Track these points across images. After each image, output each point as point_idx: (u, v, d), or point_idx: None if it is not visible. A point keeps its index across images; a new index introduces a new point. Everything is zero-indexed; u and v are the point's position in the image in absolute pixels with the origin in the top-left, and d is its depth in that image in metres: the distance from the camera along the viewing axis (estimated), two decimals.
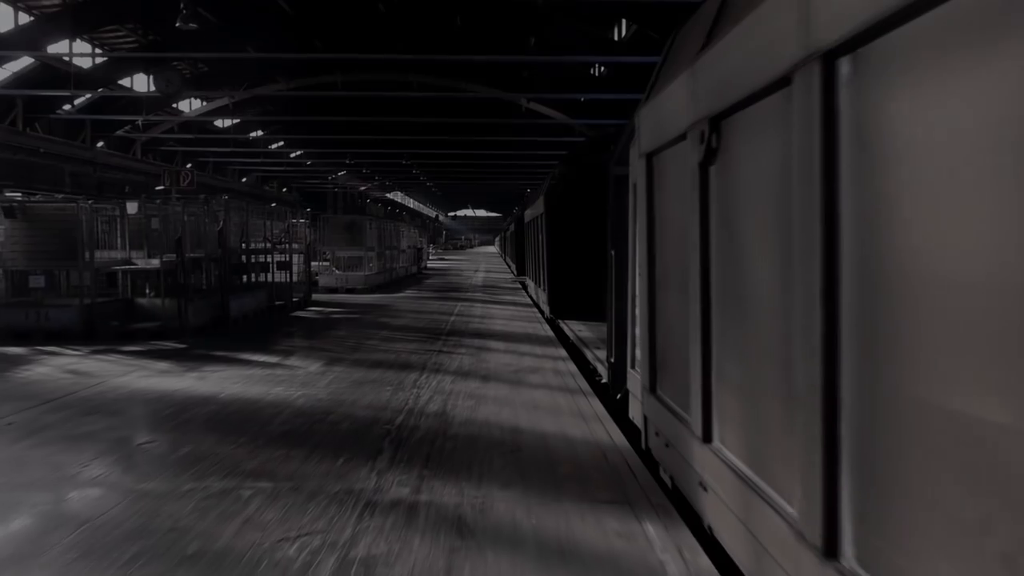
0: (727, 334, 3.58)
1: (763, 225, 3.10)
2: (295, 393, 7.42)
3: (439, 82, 29.27)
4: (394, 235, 27.63)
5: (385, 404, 6.90)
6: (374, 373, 8.55)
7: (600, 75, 28.90)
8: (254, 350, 10.34)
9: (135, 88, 28.43)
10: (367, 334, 12.21)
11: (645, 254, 5.28)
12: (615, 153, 8.39)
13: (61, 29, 22.37)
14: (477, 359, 9.62)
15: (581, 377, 8.52)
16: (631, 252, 6.71)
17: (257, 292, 15.04)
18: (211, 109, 34.49)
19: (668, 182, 4.67)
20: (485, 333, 12.32)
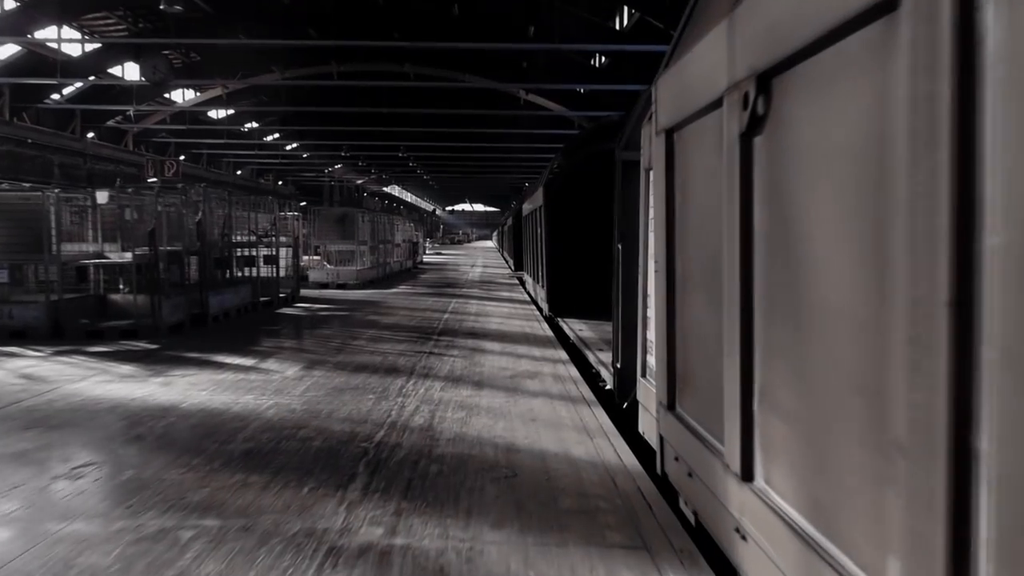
0: (778, 348, 2.83)
1: (839, 210, 2.34)
2: (266, 402, 6.67)
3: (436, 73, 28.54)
4: (388, 229, 26.85)
5: (365, 416, 6.14)
6: (357, 378, 7.79)
7: (600, 66, 28.19)
8: (230, 351, 9.57)
9: (126, 78, 27.62)
10: (354, 333, 11.45)
11: (663, 248, 4.51)
12: (622, 137, 7.62)
13: (47, 15, 21.56)
14: (470, 362, 8.87)
15: (583, 383, 7.78)
16: (642, 246, 5.94)
17: (240, 288, 14.26)
18: (205, 100, 33.75)
19: (694, 161, 3.91)
20: (480, 332, 11.57)
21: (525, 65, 27.56)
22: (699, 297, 3.88)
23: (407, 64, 28.53)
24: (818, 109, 2.49)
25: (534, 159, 40.60)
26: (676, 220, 4.28)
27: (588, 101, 28.43)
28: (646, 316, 5.91)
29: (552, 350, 10.01)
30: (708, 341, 3.64)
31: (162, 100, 31.72)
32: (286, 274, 17.63)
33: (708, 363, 3.65)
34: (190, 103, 33.28)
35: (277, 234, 16.11)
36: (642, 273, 6.07)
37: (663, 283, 4.49)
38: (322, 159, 50.64)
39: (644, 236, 5.98)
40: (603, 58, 27.94)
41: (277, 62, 28.82)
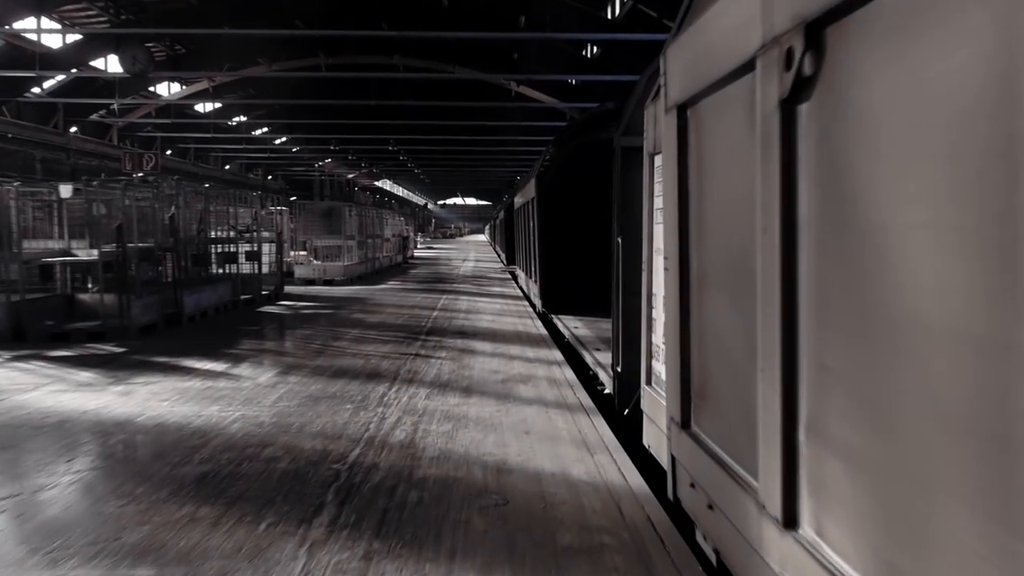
0: (835, 367, 2.23)
1: (939, 193, 1.74)
2: (232, 415, 6.05)
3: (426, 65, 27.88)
4: (376, 223, 26.18)
5: (340, 430, 5.54)
6: (335, 385, 7.18)
7: (592, 57, 27.60)
8: (202, 354, 8.94)
9: (109, 70, 26.82)
10: (337, 333, 10.83)
11: (674, 241, 3.91)
12: (621, 121, 7.01)
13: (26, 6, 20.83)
14: (459, 365, 8.27)
15: (580, 388, 7.20)
16: (646, 239, 5.34)
17: (219, 285, 13.61)
18: (190, 93, 32.94)
19: (715, 140, 3.31)
20: (470, 331, 10.97)
21: (516, 56, 26.95)
22: (721, 299, 3.28)
23: (396, 56, 27.86)
24: (901, 59, 1.88)
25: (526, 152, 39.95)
26: (690, 209, 3.68)
27: (580, 93, 27.85)
28: (651, 317, 5.32)
29: (546, 350, 9.42)
30: (734, 352, 3.05)
31: (147, 94, 30.94)
32: (270, 271, 16.99)
33: (734, 378, 3.07)
34: (175, 96, 32.47)
35: (259, 229, 15.44)
36: (646, 269, 5.46)
37: (674, 282, 3.89)
38: (312, 153, 49.91)
39: (648, 229, 5.38)
40: (595, 48, 27.38)
41: (264, 54, 28.11)
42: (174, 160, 37.84)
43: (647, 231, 5.36)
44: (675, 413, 3.92)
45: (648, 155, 5.19)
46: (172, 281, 11.66)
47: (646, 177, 5.32)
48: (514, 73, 26.71)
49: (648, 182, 5.25)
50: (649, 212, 5.29)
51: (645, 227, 5.43)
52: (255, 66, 28.44)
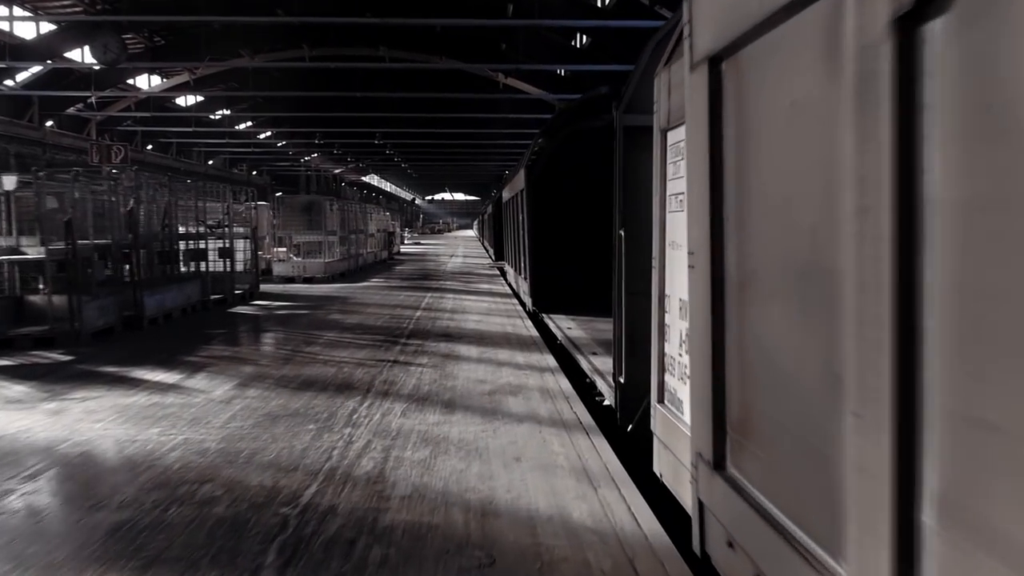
0: (1005, 424, 1.41)
1: None
2: (173, 439, 5.19)
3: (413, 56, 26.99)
4: (360, 218, 25.25)
5: (297, 460, 4.69)
6: (299, 399, 6.33)
7: (582, 47, 26.80)
8: (157, 363, 8.06)
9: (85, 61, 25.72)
10: (310, 337, 9.96)
11: (703, 234, 3.05)
12: (623, 97, 6.16)
13: None
14: (441, 373, 7.43)
15: (577, 400, 6.38)
16: (657, 231, 4.49)
17: (186, 285, 12.69)
18: (171, 86, 31.85)
19: (768, 95, 2.45)
20: (455, 334, 10.13)
21: (504, 47, 26.10)
22: (777, 309, 2.44)
23: (382, 47, 26.96)
24: None
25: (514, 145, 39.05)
26: (726, 191, 2.83)
27: (569, 84, 27.02)
28: (663, 323, 4.46)
29: (538, 354, 8.60)
30: (800, 382, 2.23)
31: (125, 86, 29.83)
32: (245, 268, 16.07)
33: (799, 417, 2.24)
34: (156, 89, 31.36)
35: (231, 224, 14.52)
36: (656, 266, 4.61)
37: (703, 284, 3.04)
38: (297, 148, 48.90)
39: (660, 219, 4.51)
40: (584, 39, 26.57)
41: (246, 46, 27.13)
42: (155, 155, 36.77)
43: (658, 221, 4.51)
44: (704, 448, 3.08)
45: (659, 131, 4.34)
46: (131, 280, 10.74)
47: (657, 158, 4.46)
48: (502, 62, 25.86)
49: (659, 164, 4.40)
50: (661, 199, 4.43)
51: (656, 217, 4.57)
52: (237, 58, 27.47)
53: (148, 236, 11.84)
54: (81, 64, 25.14)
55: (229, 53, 27.41)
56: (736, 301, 2.75)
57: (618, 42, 23.07)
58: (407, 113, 31.12)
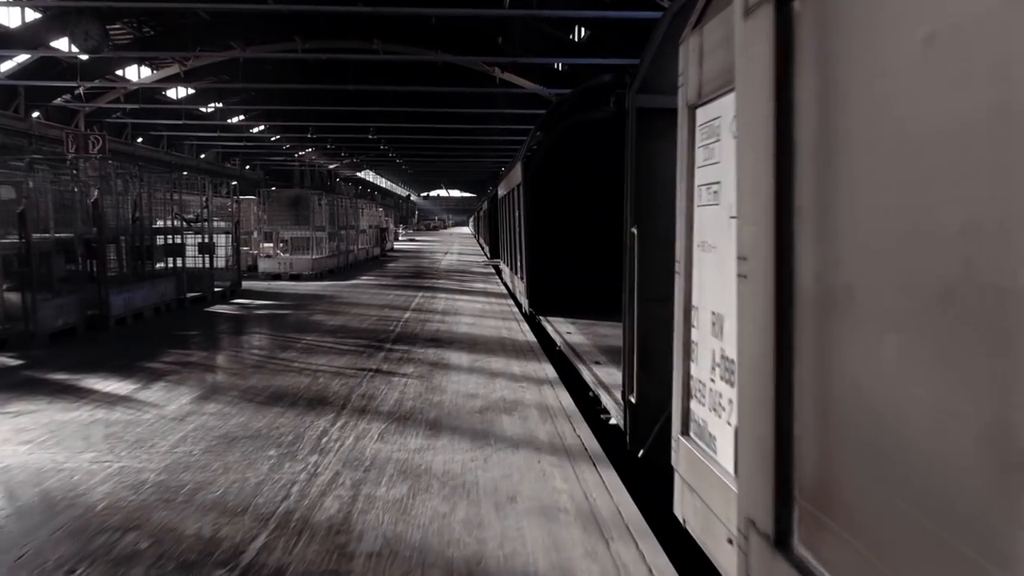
0: None
1: None
2: (108, 467, 4.40)
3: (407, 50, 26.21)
4: (351, 213, 24.43)
5: (247, 499, 3.91)
6: (264, 416, 5.54)
7: (580, 40, 26.06)
8: (113, 369, 7.27)
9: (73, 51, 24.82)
10: (287, 341, 9.17)
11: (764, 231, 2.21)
12: (637, 75, 5.38)
13: None
14: (428, 385, 6.65)
15: (581, 421, 5.61)
16: (683, 228, 3.70)
17: (160, 282, 11.87)
18: (161, 78, 30.98)
19: (883, 37, 1.64)
20: (445, 338, 9.35)
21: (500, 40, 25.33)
22: (891, 343, 1.62)
23: (376, 40, 26.18)
24: None
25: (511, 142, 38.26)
26: (799, 176, 2.00)
27: (567, 79, 26.26)
28: (688, 338, 3.66)
29: (535, 363, 7.83)
30: (932, 452, 1.44)
31: (113, 77, 28.95)
32: (226, 265, 15.25)
33: (929, 502, 1.46)
34: (146, 80, 30.46)
35: (210, 218, 13.70)
36: (681, 271, 3.79)
37: (760, 301, 2.21)
38: (291, 142, 48.10)
39: (685, 214, 3.69)
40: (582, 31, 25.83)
41: (237, 37, 26.32)
42: (145, 148, 35.91)
43: (683, 217, 3.70)
44: (758, 515, 2.27)
45: (686, 109, 3.54)
46: (95, 277, 9.93)
47: (683, 142, 3.65)
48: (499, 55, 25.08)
49: (686, 148, 3.60)
50: (687, 190, 3.62)
51: (680, 212, 3.76)
52: (228, 50, 26.65)
53: (119, 230, 11.02)
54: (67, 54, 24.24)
55: (220, 45, 26.62)
56: (815, 325, 1.94)
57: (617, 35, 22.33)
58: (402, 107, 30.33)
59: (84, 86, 26.55)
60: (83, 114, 30.53)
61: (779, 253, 2.09)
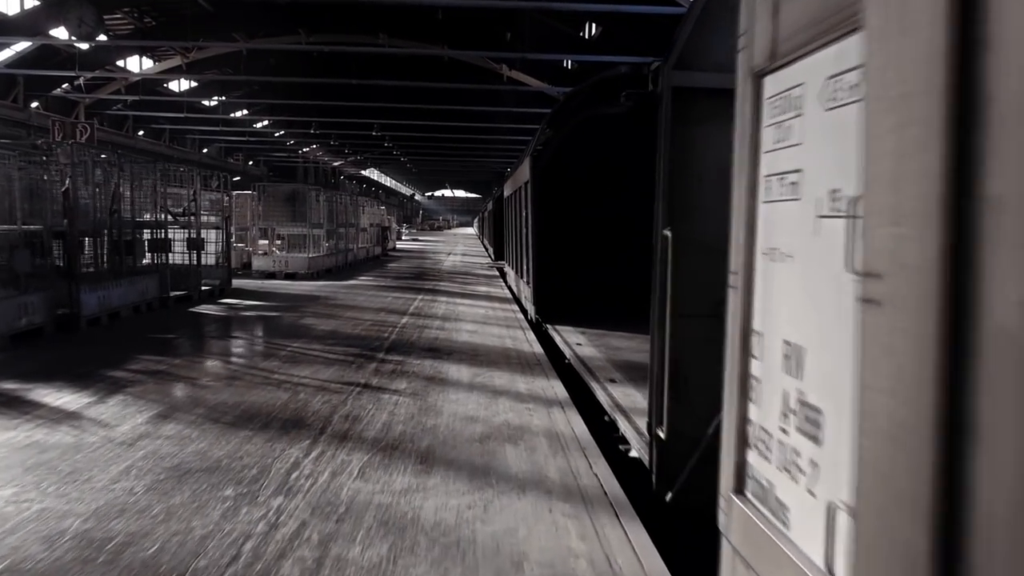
0: None
1: None
2: (24, 510, 3.61)
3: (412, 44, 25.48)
4: (351, 211, 23.66)
5: (185, 562, 3.11)
6: (227, 442, 4.76)
7: (590, 38, 25.31)
8: (72, 379, 6.49)
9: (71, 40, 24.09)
10: (270, 347, 8.39)
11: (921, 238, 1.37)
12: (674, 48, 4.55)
13: None
14: (421, 405, 5.86)
15: (598, 455, 4.81)
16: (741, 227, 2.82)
17: (140, 280, 11.10)
18: (163, 69, 30.27)
19: None
20: (444, 348, 8.55)
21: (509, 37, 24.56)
22: None
23: (381, 34, 25.47)
24: None
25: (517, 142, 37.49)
26: (996, 152, 1.16)
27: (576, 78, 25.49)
28: (746, 372, 2.76)
29: (543, 379, 7.04)
30: None
31: (113, 68, 28.23)
32: (217, 262, 14.49)
33: None
34: (147, 72, 29.72)
35: (198, 212, 12.93)
36: (739, 285, 2.89)
37: (916, 343, 1.33)
38: (294, 138, 47.46)
39: (745, 212, 2.77)
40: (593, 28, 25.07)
41: (240, 29, 25.61)
42: (146, 141, 35.26)
43: (742, 217, 2.81)
44: None
45: (750, 77, 2.68)
46: (65, 274, 9.16)
47: (743, 120, 2.77)
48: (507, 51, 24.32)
49: (748, 128, 2.72)
50: (749, 183, 2.73)
51: (739, 210, 2.88)
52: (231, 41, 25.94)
53: (97, 223, 10.26)
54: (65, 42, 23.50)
55: (222, 36, 25.93)
56: (1018, 387, 1.09)
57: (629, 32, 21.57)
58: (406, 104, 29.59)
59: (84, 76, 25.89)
60: (83, 105, 29.83)
61: (950, 269, 1.24)
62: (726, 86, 4.79)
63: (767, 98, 2.47)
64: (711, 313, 4.19)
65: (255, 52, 27.89)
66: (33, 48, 23.96)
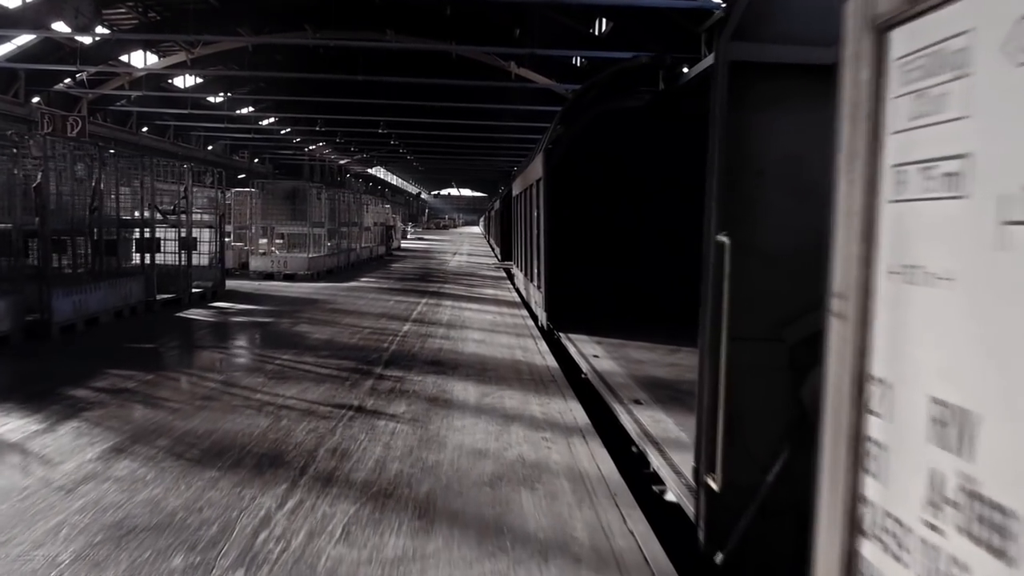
0: None
1: None
2: None
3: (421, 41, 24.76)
4: (354, 209, 22.88)
5: None
6: (187, 487, 3.96)
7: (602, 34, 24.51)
8: (26, 398, 5.71)
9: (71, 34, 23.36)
10: (257, 360, 7.60)
11: None
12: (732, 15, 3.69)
13: None
14: (422, 436, 5.06)
15: (633, 506, 4.01)
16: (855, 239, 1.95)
17: (124, 282, 10.33)
18: (168, 65, 29.58)
19: None
20: (448, 361, 7.75)
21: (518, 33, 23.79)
22: None
23: (388, 31, 24.74)
24: None
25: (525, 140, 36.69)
26: None
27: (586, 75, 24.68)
28: (861, 433, 1.88)
29: (559, 399, 6.23)
30: None
31: (116, 63, 27.52)
32: (210, 263, 13.72)
33: None
34: (152, 67, 29.00)
35: (189, 210, 12.16)
36: (850, 312, 2.00)
37: None
38: (300, 135, 46.84)
39: (861, 216, 1.89)
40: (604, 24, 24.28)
41: (245, 24, 24.93)
42: (150, 137, 34.62)
43: (854, 220, 1.93)
44: None
45: (869, 31, 1.83)
46: (36, 275, 8.39)
47: (858, 90, 1.92)
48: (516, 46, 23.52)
49: (863, 101, 1.88)
50: (866, 176, 1.87)
51: (850, 211, 2.01)
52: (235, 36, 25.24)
53: (76, 221, 9.49)
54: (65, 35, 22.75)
55: (227, 31, 25.27)
56: None
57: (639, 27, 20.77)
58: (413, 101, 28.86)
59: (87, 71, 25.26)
60: (86, 100, 29.17)
61: None
62: (799, 60, 3.81)
63: (897, 59, 1.61)
64: (769, 336, 3.39)
65: (261, 48, 27.26)
66: (35, 42, 23.30)
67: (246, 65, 29.12)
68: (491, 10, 22.93)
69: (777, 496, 3.38)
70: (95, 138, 23.45)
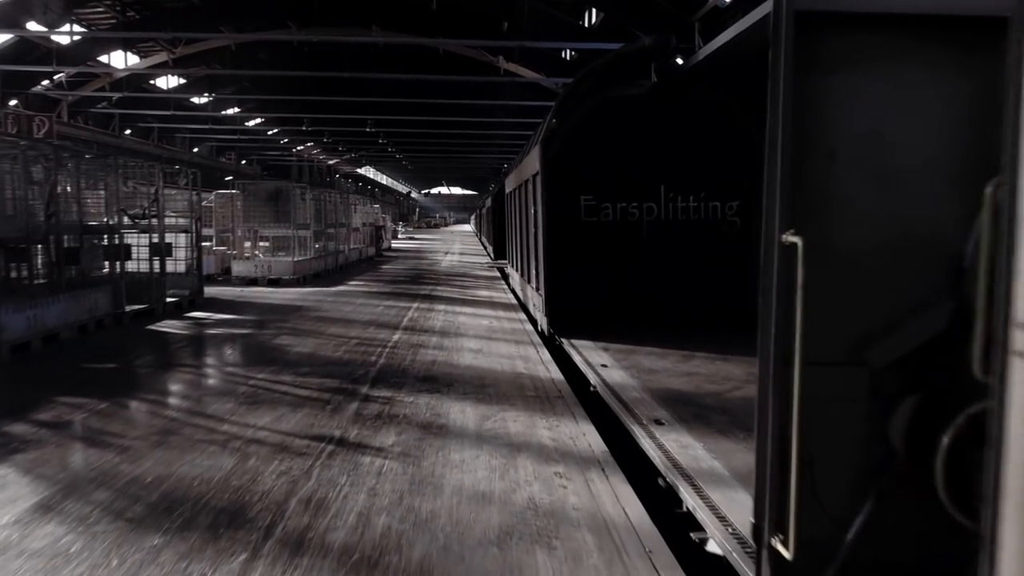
0: None
1: None
2: None
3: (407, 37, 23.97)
4: (341, 210, 22.04)
5: None
6: (121, 564, 3.16)
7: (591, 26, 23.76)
8: None
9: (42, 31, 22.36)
10: (228, 381, 6.80)
11: None
12: None
13: None
14: (415, 475, 4.28)
15: (674, 569, 3.26)
16: None
17: (88, 293, 9.50)
18: (149, 66, 28.62)
19: None
20: (443, 376, 6.97)
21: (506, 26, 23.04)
22: None
23: (374, 27, 23.94)
24: None
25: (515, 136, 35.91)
26: None
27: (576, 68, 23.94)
28: None
29: (570, 422, 5.46)
30: None
31: (94, 64, 26.56)
32: (188, 269, 12.90)
33: None
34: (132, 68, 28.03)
35: (160, 214, 11.33)
36: None
37: None
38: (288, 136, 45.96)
39: None
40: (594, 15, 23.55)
41: (227, 23, 24.06)
42: (133, 140, 33.69)
43: None
44: None
45: None
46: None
47: None
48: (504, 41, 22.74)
49: None
50: None
51: None
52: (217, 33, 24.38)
53: (31, 228, 8.66)
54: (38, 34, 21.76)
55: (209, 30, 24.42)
56: None
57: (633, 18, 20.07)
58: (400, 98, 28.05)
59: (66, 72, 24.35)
60: (66, 103, 28.21)
61: None
62: (890, 9, 3.01)
63: None
64: (849, 360, 2.60)
65: (244, 47, 26.47)
66: (10, 43, 22.34)
67: (229, 64, 28.19)
68: (478, 3, 22.19)
69: (858, 558, 2.65)
70: (75, 141, 22.57)
